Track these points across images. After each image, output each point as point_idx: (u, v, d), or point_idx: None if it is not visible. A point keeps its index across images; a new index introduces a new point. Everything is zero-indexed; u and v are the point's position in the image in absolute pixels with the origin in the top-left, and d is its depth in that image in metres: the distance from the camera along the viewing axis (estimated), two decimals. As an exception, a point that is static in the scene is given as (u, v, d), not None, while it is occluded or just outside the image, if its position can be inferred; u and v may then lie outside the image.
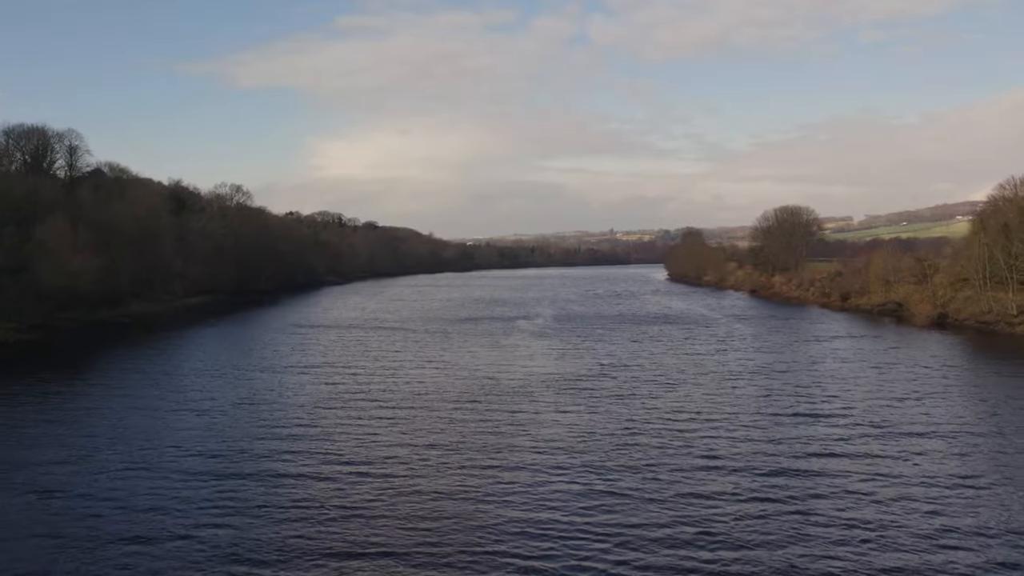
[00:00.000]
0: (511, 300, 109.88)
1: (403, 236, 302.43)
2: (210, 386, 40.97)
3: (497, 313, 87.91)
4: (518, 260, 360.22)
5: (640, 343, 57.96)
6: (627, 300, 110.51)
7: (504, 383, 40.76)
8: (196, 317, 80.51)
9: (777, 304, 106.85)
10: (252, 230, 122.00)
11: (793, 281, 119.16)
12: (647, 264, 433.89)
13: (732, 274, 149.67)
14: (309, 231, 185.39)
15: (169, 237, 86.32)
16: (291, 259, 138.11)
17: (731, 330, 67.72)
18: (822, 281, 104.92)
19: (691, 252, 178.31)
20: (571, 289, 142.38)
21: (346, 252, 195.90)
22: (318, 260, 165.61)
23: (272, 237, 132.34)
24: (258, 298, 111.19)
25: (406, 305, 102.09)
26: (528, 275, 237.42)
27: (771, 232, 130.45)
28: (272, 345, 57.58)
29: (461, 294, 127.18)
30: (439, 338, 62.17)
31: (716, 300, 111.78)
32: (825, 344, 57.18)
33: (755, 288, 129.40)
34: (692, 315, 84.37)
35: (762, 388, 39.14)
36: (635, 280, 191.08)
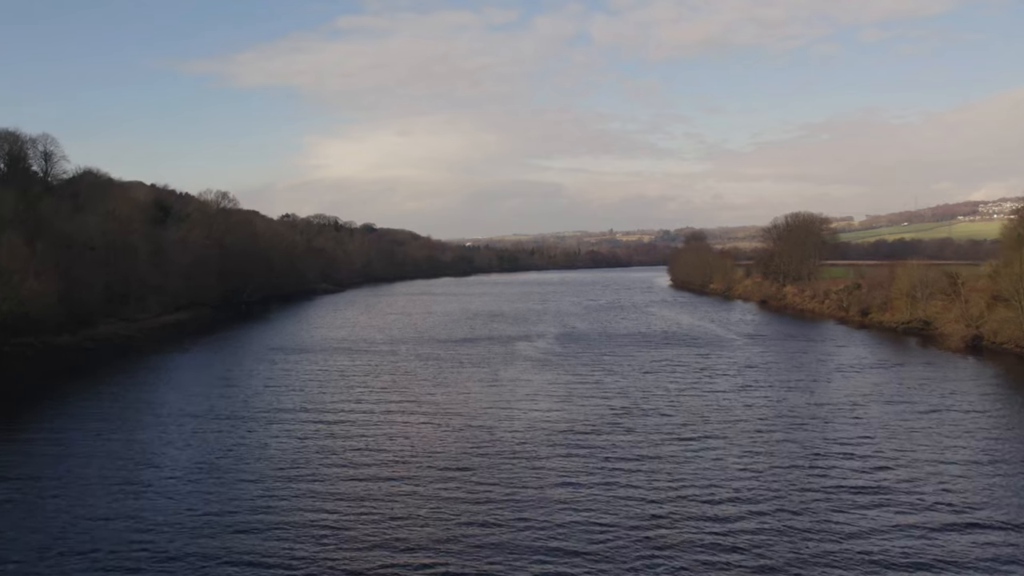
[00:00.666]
0: (510, 314, 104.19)
1: (401, 239, 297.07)
2: (148, 442, 35.23)
3: (495, 332, 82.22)
4: (518, 263, 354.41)
5: (653, 375, 52.29)
6: (632, 314, 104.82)
7: (502, 439, 35.09)
8: (168, 339, 74.75)
9: (791, 319, 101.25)
10: (238, 239, 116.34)
11: (806, 292, 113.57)
12: (648, 267, 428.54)
13: (740, 283, 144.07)
14: (302, 237, 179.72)
15: (145, 250, 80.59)
16: (281, 268, 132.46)
17: (750, 356, 62.03)
18: (839, 294, 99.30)
19: (696, 258, 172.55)
20: (572, 299, 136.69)
21: (341, 258, 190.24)
22: (311, 267, 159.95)
23: (261, 245, 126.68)
24: (244, 311, 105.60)
25: (399, 321, 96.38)
26: (528, 280, 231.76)
27: (781, 240, 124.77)
28: (241, 381, 51.83)
29: (458, 306, 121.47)
30: (431, 368, 56.45)
31: (726, 314, 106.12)
32: (858, 377, 51.50)
33: (765, 299, 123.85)
34: (703, 334, 78.70)
35: (804, 447, 33.46)
36: (638, 287, 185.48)
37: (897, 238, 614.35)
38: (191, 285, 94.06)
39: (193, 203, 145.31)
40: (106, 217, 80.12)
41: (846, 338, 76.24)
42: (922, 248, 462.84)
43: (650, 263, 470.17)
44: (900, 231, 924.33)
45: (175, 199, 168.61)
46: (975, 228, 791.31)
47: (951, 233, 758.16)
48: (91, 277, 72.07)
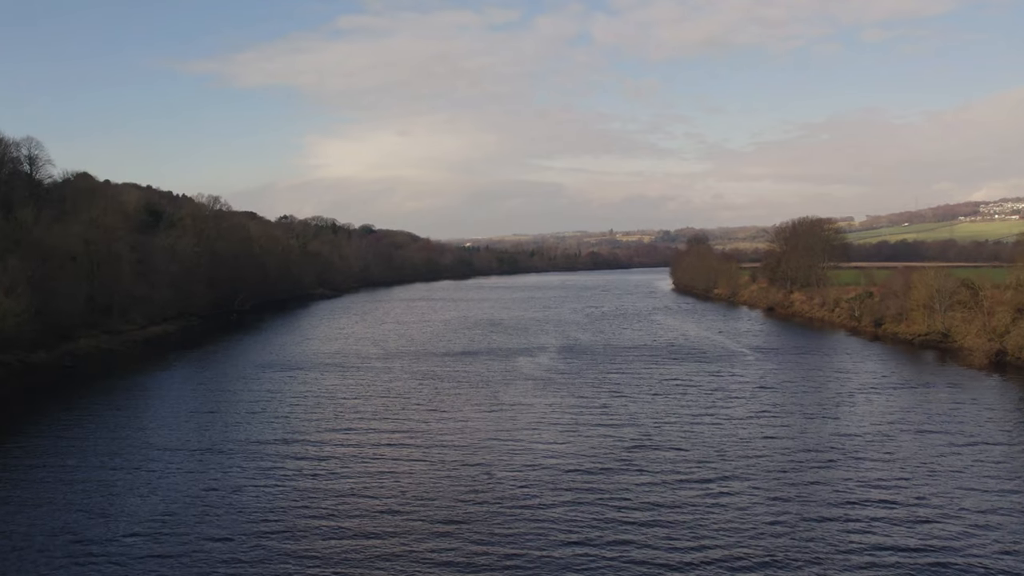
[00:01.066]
0: (511, 324, 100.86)
1: (400, 242, 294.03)
2: (109, 486, 31.90)
3: (495, 344, 78.88)
4: (517, 266, 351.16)
5: (663, 398, 48.96)
6: (636, 323, 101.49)
7: (502, 481, 31.75)
8: (151, 354, 71.33)
9: (800, 328, 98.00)
10: (230, 244, 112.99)
11: (815, 299, 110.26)
12: (649, 268, 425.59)
13: (745, 288, 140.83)
14: (298, 240, 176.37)
15: (130, 259, 77.21)
16: (275, 274, 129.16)
17: (763, 374, 58.73)
18: (851, 303, 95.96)
19: (700, 263, 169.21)
20: (574, 305, 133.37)
21: (338, 263, 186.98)
22: (306, 272, 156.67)
23: (255, 251, 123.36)
24: (236, 320, 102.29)
25: (394, 331, 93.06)
26: (528, 284, 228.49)
27: (788, 245, 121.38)
28: (221, 407, 48.48)
29: (456, 314, 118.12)
30: (426, 390, 53.12)
31: (733, 323, 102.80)
32: (882, 400, 48.16)
33: (772, 306, 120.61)
34: (712, 347, 75.37)
35: (836, 492, 30.13)
36: (640, 291, 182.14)
37: (900, 239, 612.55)
38: (179, 294, 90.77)
39: (186, 207, 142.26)
40: (90, 225, 76.76)
41: (861, 352, 72.93)
42: (924, 250, 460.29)
43: (651, 264, 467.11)
44: (901, 231, 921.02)
45: (169, 202, 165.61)
46: (977, 228, 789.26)
47: (953, 234, 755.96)
48: (72, 289, 68.75)
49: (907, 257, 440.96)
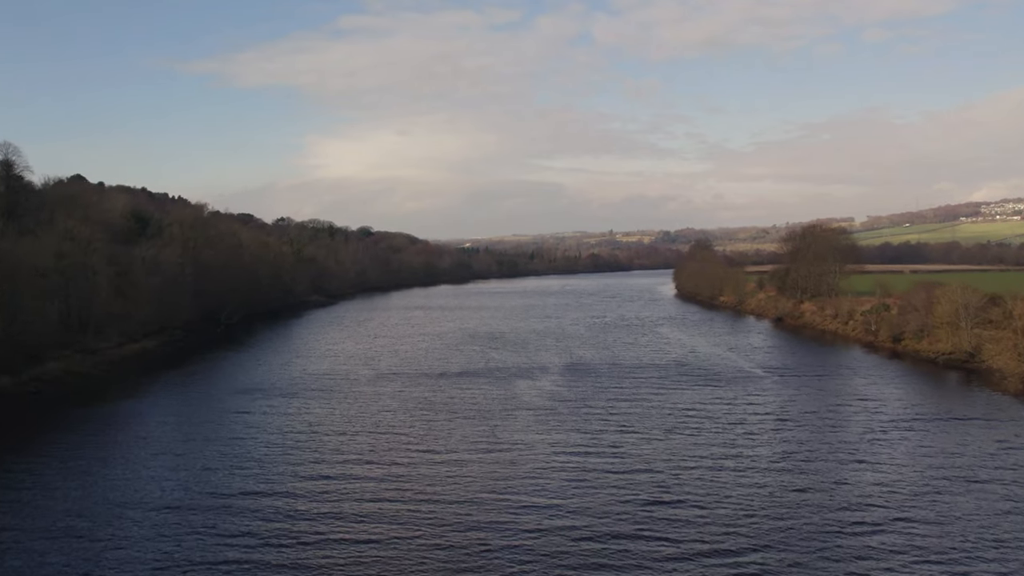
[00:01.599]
0: (510, 337, 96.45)
1: (398, 245, 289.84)
2: (41, 555, 27.52)
3: (493, 363, 74.47)
4: (517, 269, 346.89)
5: (679, 436, 44.51)
6: (641, 336, 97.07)
7: (500, 553, 27.34)
8: (125, 377, 66.77)
9: (813, 343, 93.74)
10: (219, 253, 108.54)
11: (827, 311, 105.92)
12: (650, 271, 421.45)
13: (753, 297, 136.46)
14: (293, 246, 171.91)
15: (107, 273, 72.73)
16: (267, 282, 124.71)
17: (783, 402, 54.37)
18: (867, 316, 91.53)
19: (705, 269, 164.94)
20: (576, 315, 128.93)
21: (333, 268, 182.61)
22: (301, 279, 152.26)
23: (245, 259, 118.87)
24: (223, 334, 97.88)
25: (388, 347, 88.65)
26: (528, 289, 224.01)
27: (798, 253, 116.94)
28: (188, 448, 44.04)
29: (454, 324, 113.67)
30: (418, 423, 48.70)
31: (742, 336, 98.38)
32: (921, 439, 43.76)
33: (782, 316, 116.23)
34: (724, 367, 70.98)
35: (890, 569, 25.77)
36: (643, 297, 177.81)
37: (903, 241, 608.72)
38: (162, 308, 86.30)
39: (174, 212, 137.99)
40: (65, 236, 72.34)
41: (882, 372, 68.61)
42: (928, 252, 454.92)
43: (651, 267, 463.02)
44: (903, 232, 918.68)
45: (161, 205, 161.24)
46: (979, 229, 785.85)
47: (955, 234, 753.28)
48: (42, 306, 64.36)
49: (911, 259, 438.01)
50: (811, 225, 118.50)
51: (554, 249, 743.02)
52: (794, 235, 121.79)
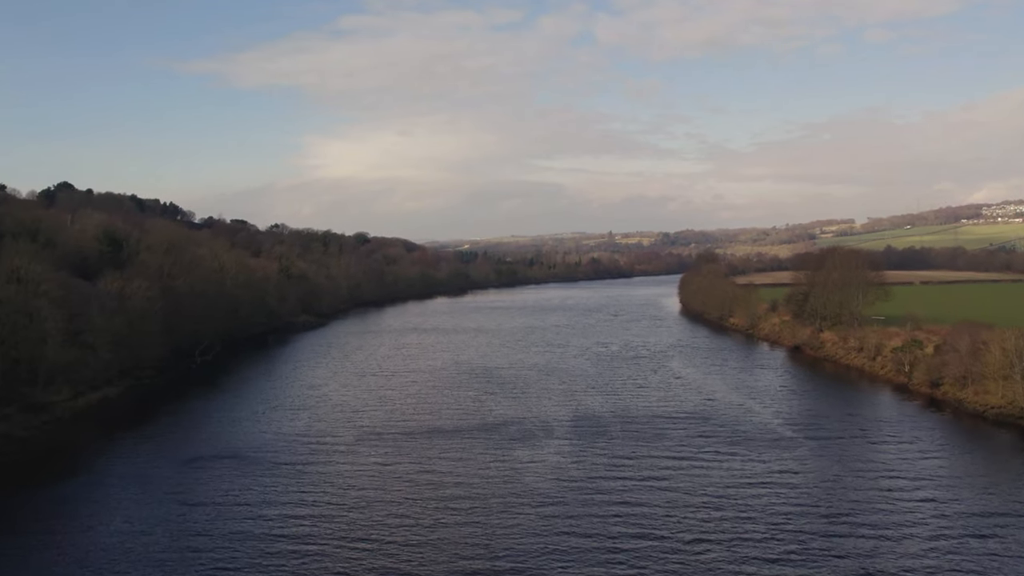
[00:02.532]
0: (509, 376, 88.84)
1: (394, 255, 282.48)
2: None
3: (490, 416, 66.86)
4: (516, 277, 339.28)
5: (711, 546, 36.90)
6: (652, 373, 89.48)
7: None
8: (71, 442, 58.88)
9: (838, 381, 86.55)
10: (196, 280, 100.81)
11: (850, 343, 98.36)
12: (652, 278, 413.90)
13: (766, 320, 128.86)
14: (281, 263, 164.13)
15: (55, 318, 64.89)
16: (249, 308, 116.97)
17: (831, 485, 46.75)
18: (898, 354, 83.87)
19: (714, 287, 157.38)
20: (580, 341, 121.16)
21: (325, 285, 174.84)
22: (289, 299, 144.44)
23: (224, 286, 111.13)
24: (196, 371, 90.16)
25: (375, 389, 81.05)
26: (528, 303, 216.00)
27: (818, 277, 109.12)
28: (122, 554, 36.45)
29: (449, 355, 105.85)
30: (399, 528, 41.06)
31: (761, 374, 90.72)
32: (1012, 545, 36.17)
33: (799, 346, 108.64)
34: (748, 423, 63.44)
35: None
36: (647, 315, 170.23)
37: (907, 246, 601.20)
38: (130, 347, 78.56)
39: (152, 234, 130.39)
40: (10, 278, 64.66)
41: (926, 428, 61.47)
42: (932, 257, 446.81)
43: (653, 272, 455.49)
44: (904, 234, 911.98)
45: (146, 217, 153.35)
46: (981, 231, 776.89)
47: (957, 237, 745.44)
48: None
49: (915, 265, 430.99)
50: (832, 249, 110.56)
51: (553, 252, 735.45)
52: (811, 258, 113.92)
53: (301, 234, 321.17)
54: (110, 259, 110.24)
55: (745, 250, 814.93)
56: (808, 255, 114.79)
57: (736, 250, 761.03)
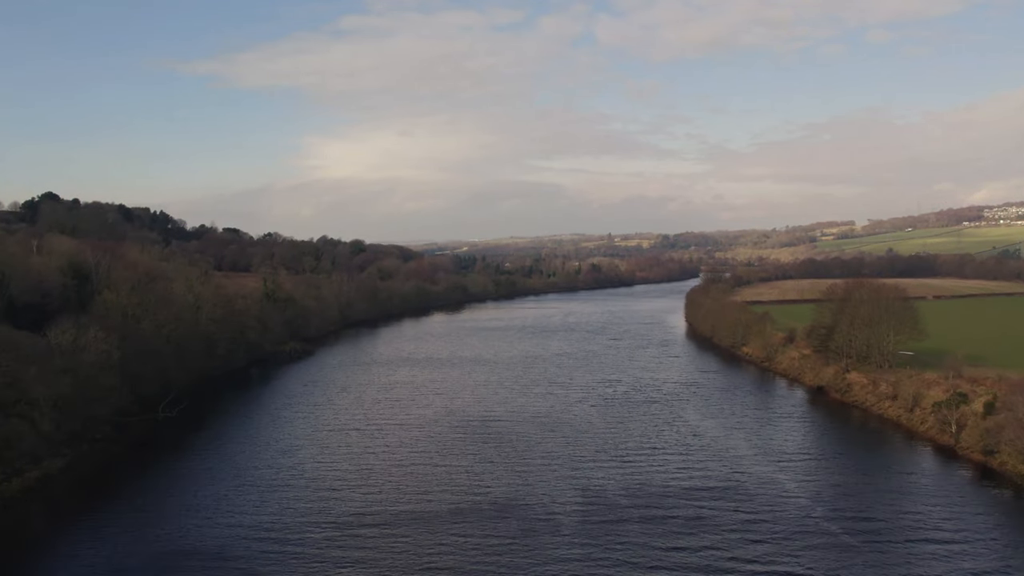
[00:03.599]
0: (507, 428, 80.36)
1: (389, 268, 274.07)
2: None
3: (484, 494, 58.28)
4: (515, 288, 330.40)
5: None
6: (666, 427, 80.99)
7: None
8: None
9: (872, 437, 78.36)
10: (165, 319, 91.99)
11: (882, 387, 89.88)
12: (653, 286, 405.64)
13: (783, 353, 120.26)
14: (267, 286, 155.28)
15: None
16: (226, 345, 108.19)
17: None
18: (942, 409, 75.14)
19: (724, 311, 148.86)
20: (584, 378, 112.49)
21: (314, 307, 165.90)
22: (275, 325, 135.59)
23: (198, 322, 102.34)
24: (162, 423, 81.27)
25: (358, 448, 72.43)
26: (527, 320, 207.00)
27: (845, 311, 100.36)
28: None
29: (442, 401, 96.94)
30: None
31: (785, 425, 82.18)
32: None
33: (823, 386, 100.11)
34: (783, 504, 54.89)
35: None
36: (654, 337, 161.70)
37: (910, 250, 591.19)
38: (83, 406, 69.80)
39: (127, 258, 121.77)
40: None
41: (984, 508, 52.89)
42: (939, 265, 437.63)
43: (653, 280, 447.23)
44: (906, 237, 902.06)
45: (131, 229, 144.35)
46: (984, 233, 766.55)
47: (960, 240, 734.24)
48: None
49: (922, 272, 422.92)
50: (858, 282, 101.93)
51: (552, 256, 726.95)
52: (835, 290, 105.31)
53: (295, 244, 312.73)
54: (75, 292, 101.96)
55: (746, 253, 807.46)
56: (834, 287, 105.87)
57: (737, 254, 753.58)
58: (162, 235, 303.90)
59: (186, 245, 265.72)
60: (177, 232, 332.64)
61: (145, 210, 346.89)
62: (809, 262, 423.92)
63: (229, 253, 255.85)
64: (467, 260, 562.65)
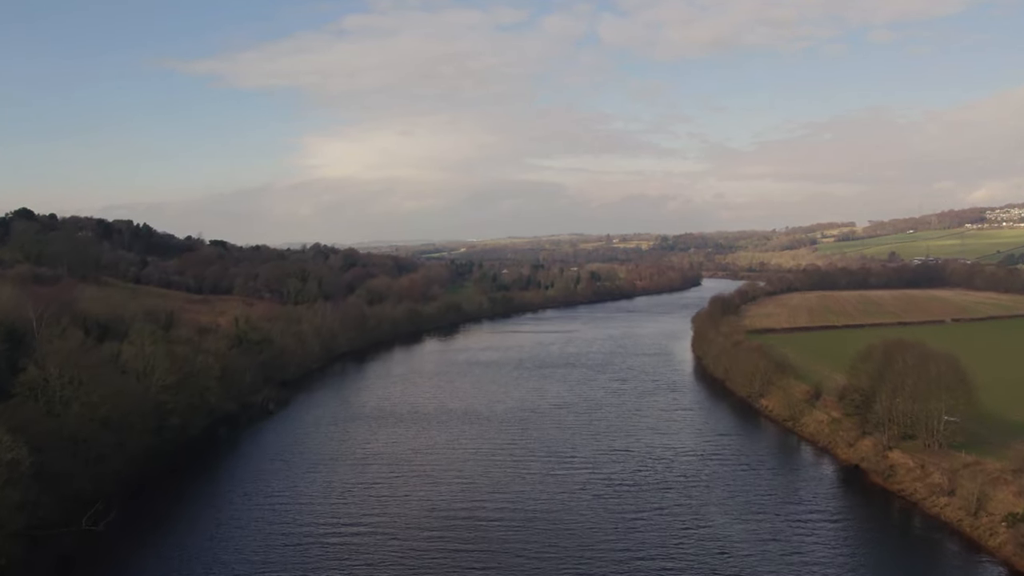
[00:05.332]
0: (495, 533, 67.83)
1: (379, 289, 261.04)
2: None
3: None
4: (511, 304, 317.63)
5: None
6: (685, 534, 68.49)
7: None
8: None
9: (922, 538, 66.25)
10: (103, 397, 79.03)
11: (934, 476, 77.51)
12: (654, 298, 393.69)
13: (809, 414, 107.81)
14: (239, 327, 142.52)
15: None
16: (185, 412, 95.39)
17: None
18: (1021, 527, 62.72)
19: (739, 355, 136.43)
20: (588, 444, 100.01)
21: (292, 346, 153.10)
22: (243, 378, 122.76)
23: (149, 393, 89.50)
24: (76, 550, 68.24)
25: (313, 561, 59.82)
26: (524, 350, 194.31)
27: (886, 379, 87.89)
28: None
29: (424, 492, 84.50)
30: None
31: (822, 526, 69.57)
32: None
33: (859, 464, 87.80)
34: None
35: None
36: (662, 378, 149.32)
37: (917, 258, 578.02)
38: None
39: (83, 299, 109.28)
40: None
41: None
42: (948, 275, 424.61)
43: (654, 290, 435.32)
44: (907, 239, 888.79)
45: (66, 290, 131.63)
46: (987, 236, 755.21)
47: (964, 243, 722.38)
48: None
49: (930, 282, 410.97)
50: (900, 344, 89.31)
51: (550, 261, 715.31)
52: (873, 353, 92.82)
53: (280, 264, 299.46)
54: (4, 359, 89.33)
55: (747, 257, 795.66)
56: (871, 349, 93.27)
57: (738, 258, 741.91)
58: (143, 251, 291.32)
59: (165, 265, 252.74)
60: (160, 247, 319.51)
61: (127, 223, 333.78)
62: (815, 272, 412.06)
63: (210, 274, 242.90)
64: (463, 267, 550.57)
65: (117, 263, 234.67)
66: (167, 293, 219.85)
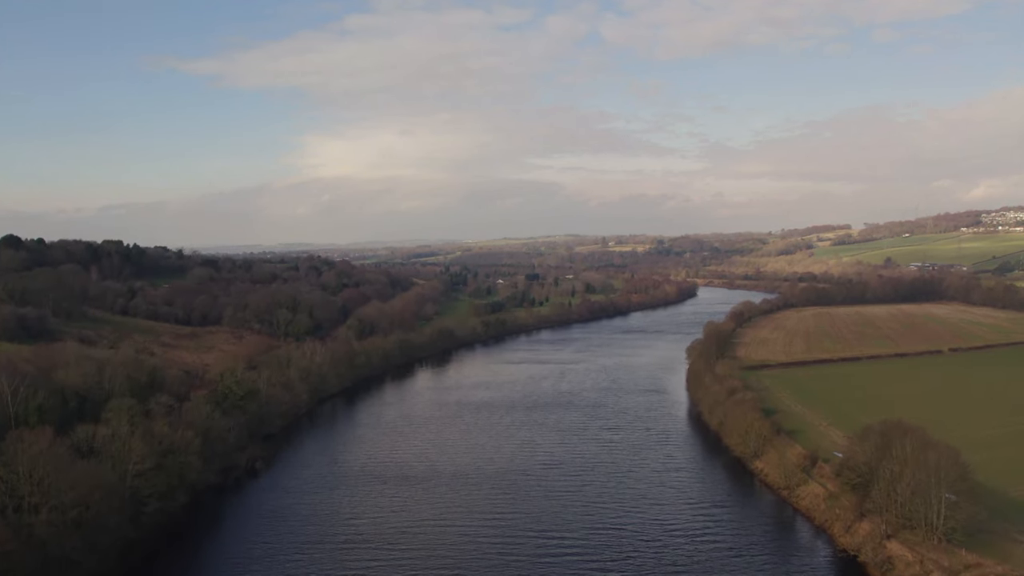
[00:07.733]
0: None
1: (371, 318, 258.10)
2: None
3: None
4: (505, 327, 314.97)
5: None
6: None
7: None
8: None
9: None
10: (72, 499, 76.12)
11: (933, 575, 74.99)
12: (649, 314, 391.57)
13: (805, 485, 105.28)
14: (224, 383, 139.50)
15: None
16: (163, 495, 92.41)
17: None
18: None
19: (736, 411, 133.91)
20: (580, 521, 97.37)
21: (279, 395, 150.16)
22: (225, 440, 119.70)
23: (124, 482, 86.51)
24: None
25: None
26: (517, 385, 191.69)
27: (885, 464, 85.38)
28: None
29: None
30: None
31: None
32: None
33: (859, 553, 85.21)
34: None
35: None
36: (654, 425, 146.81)
37: (913, 264, 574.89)
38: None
39: (57, 366, 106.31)
40: None
41: None
42: (944, 289, 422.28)
43: (649, 305, 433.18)
44: (903, 243, 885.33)
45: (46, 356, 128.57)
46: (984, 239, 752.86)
47: (960, 247, 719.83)
48: None
49: (926, 296, 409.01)
50: (900, 427, 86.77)
51: (545, 268, 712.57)
52: (871, 434, 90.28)
53: (274, 279, 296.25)
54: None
55: (743, 262, 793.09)
56: (868, 431, 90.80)
57: (734, 269, 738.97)
58: (133, 274, 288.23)
59: (154, 295, 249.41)
60: (150, 269, 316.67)
61: (117, 244, 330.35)
62: (811, 289, 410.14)
63: (199, 304, 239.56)
64: (458, 276, 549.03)
65: (104, 294, 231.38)
66: (154, 326, 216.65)
